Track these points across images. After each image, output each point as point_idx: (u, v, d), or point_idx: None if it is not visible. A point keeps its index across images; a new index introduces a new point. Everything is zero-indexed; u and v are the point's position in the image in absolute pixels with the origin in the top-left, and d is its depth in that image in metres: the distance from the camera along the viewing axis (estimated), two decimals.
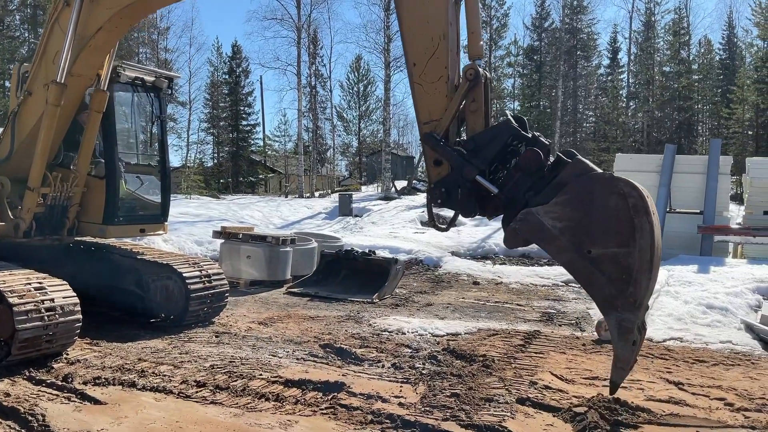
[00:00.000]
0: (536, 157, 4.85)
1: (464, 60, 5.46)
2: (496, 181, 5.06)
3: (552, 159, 5.00)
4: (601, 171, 4.68)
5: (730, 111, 44.69)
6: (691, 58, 51.11)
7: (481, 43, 5.32)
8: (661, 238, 4.71)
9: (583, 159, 4.85)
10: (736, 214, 19.72)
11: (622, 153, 22.75)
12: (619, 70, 50.62)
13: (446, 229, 5.80)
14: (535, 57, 48.27)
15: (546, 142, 5.07)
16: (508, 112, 5.33)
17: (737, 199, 25.58)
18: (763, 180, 15.90)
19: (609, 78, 50.68)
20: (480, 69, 5.13)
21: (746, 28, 50.63)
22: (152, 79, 8.52)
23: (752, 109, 42.96)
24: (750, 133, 44.31)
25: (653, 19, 47.10)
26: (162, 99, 8.72)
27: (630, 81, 48.38)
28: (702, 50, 54.57)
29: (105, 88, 7.80)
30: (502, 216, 5.13)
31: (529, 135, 5.04)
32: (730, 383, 6.17)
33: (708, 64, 53.32)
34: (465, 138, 5.26)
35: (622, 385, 5.99)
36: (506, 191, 4.96)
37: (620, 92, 48.47)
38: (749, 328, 8.50)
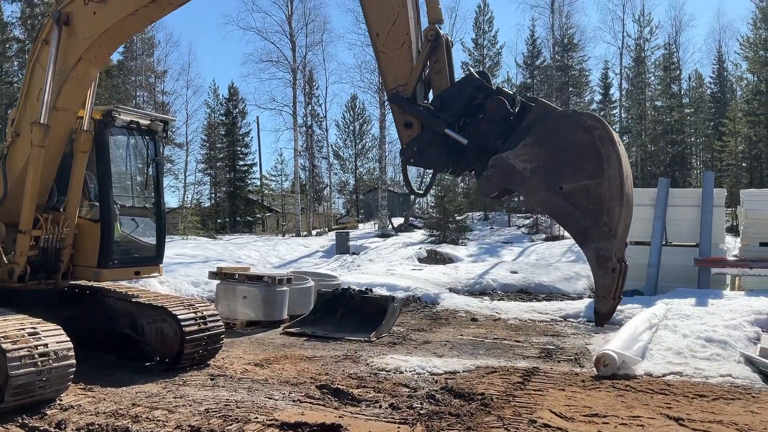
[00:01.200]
0: (501, 105, 4.96)
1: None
2: (467, 133, 5.10)
3: (517, 108, 5.07)
4: (563, 109, 4.74)
5: (722, 143, 45.04)
6: (682, 92, 51.72)
7: (439, 6, 5.39)
8: (629, 168, 4.75)
9: (546, 101, 4.94)
10: (732, 246, 19.73)
11: None
12: (612, 105, 51.15)
13: (424, 194, 5.78)
14: (528, 94, 48.82)
15: (510, 92, 5.16)
16: (470, 68, 5.38)
17: (733, 231, 25.61)
18: (758, 212, 15.97)
19: (601, 113, 51.18)
20: (440, 30, 5.23)
21: (735, 62, 51.37)
22: (147, 122, 8.59)
23: (745, 142, 43.33)
24: (743, 165, 44.60)
25: (643, 55, 47.80)
26: (157, 142, 8.78)
27: (622, 116, 48.84)
28: (693, 84, 55.32)
29: (87, 128, 7.86)
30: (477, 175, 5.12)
31: (493, 87, 5.13)
32: (731, 418, 6.11)
33: (699, 97, 53.95)
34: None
35: (623, 422, 5.94)
36: (476, 142, 5.02)
37: (613, 127, 48.91)
38: (749, 361, 8.44)
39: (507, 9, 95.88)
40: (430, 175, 5.79)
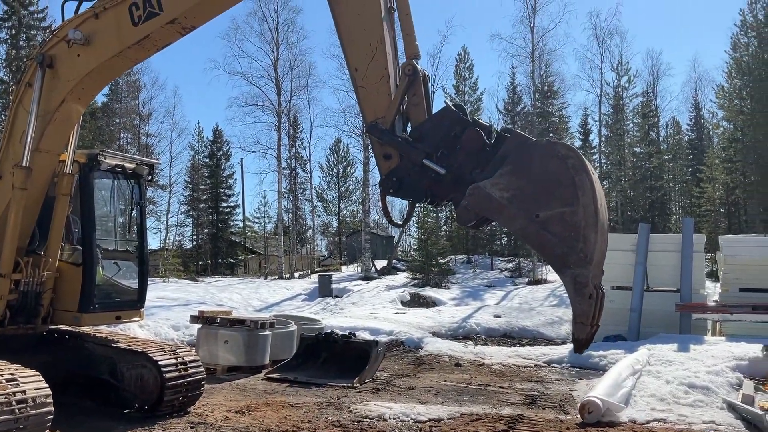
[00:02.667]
0: (477, 135, 5.02)
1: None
2: (444, 164, 5.14)
3: (493, 138, 5.15)
4: (538, 139, 4.84)
5: (700, 190, 45.82)
6: (660, 139, 52.72)
7: (416, 43, 5.50)
8: (603, 196, 4.82)
9: (521, 131, 5.04)
10: (712, 292, 19.92)
11: None
12: (591, 151, 51.88)
13: (403, 226, 5.80)
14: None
15: (486, 123, 5.24)
16: (446, 100, 5.46)
17: (713, 276, 25.86)
18: (736, 257, 16.18)
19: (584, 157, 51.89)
20: (417, 65, 5.35)
21: (711, 110, 52.61)
22: (133, 166, 8.60)
23: (722, 188, 44.10)
24: (722, 210, 45.32)
25: (621, 102, 48.77)
26: (142, 185, 8.78)
27: (602, 161, 49.56)
28: (671, 131, 56.42)
29: (70, 171, 7.85)
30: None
31: (469, 119, 5.19)
32: None
33: (677, 144, 55.00)
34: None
35: None
36: (453, 171, 5.08)
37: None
38: (731, 407, 8.46)
39: (488, 57, 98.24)
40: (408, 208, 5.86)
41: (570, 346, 15.32)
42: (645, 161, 48.29)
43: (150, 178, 8.84)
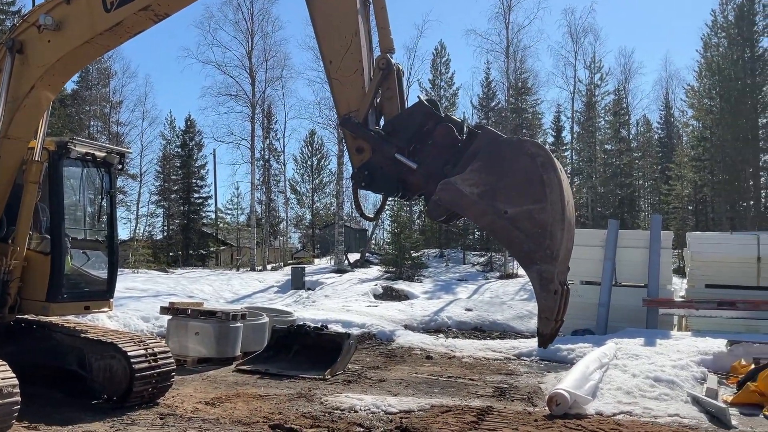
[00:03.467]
0: (449, 131, 5.10)
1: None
2: (416, 159, 5.20)
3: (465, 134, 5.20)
4: (508, 136, 4.92)
5: (669, 187, 46.59)
6: (630, 137, 53.48)
7: (391, 37, 5.55)
8: (571, 193, 4.92)
9: (492, 128, 5.12)
10: (679, 287, 20.30)
11: None
12: (563, 148, 52.45)
13: (374, 219, 5.82)
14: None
15: (458, 119, 5.30)
16: (420, 95, 5.51)
17: (680, 272, 26.39)
18: (703, 254, 16.52)
19: (554, 155, 52.40)
20: (391, 59, 5.39)
21: (681, 108, 53.55)
22: (103, 154, 8.49)
23: (690, 186, 44.91)
24: (690, 208, 46.15)
25: (594, 100, 49.33)
26: (112, 174, 8.67)
27: (574, 158, 50.14)
28: (641, 129, 57.29)
29: (39, 158, 7.73)
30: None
31: (442, 114, 5.25)
32: None
33: (647, 142, 55.86)
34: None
35: None
36: (425, 166, 5.14)
37: (565, 168, 50.16)
38: (696, 401, 8.66)
39: (464, 51, 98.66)
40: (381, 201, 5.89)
41: None
42: (615, 158, 48.96)
43: (120, 167, 8.73)
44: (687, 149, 47.80)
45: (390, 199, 5.72)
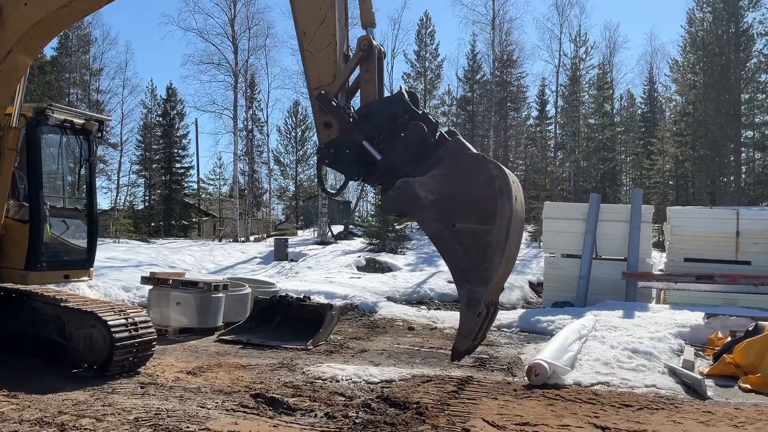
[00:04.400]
0: (420, 130, 5.06)
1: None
2: (382, 149, 5.19)
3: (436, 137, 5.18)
4: (476, 151, 4.88)
5: (651, 162, 46.92)
6: (614, 111, 53.65)
7: (372, 10, 5.50)
8: (522, 219, 4.98)
9: (462, 139, 5.07)
10: (658, 261, 20.57)
11: (550, 201, 23.49)
12: (547, 122, 52.57)
13: (335, 195, 5.83)
14: (468, 107, 49.69)
15: (434, 121, 5.27)
16: (402, 86, 5.48)
17: (659, 246, 26.69)
18: (683, 228, 16.70)
19: (538, 129, 52.56)
20: (373, 40, 5.32)
21: (665, 83, 53.70)
22: (82, 121, 8.36)
23: (672, 161, 45.26)
24: (671, 183, 46.57)
25: (578, 74, 49.32)
26: (91, 142, 8.56)
27: (557, 132, 50.27)
28: (624, 104, 57.53)
29: (16, 125, 7.59)
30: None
31: (420, 111, 5.22)
32: (655, 427, 6.35)
33: (630, 117, 56.13)
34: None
35: (552, 430, 6.10)
36: (389, 159, 5.13)
37: (548, 143, 50.29)
38: (672, 372, 8.80)
39: (449, 22, 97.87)
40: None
41: (520, 311, 15.68)
42: (599, 133, 49.11)
43: (100, 134, 8.62)
44: (669, 124, 48.09)
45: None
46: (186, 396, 7.08)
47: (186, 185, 54.32)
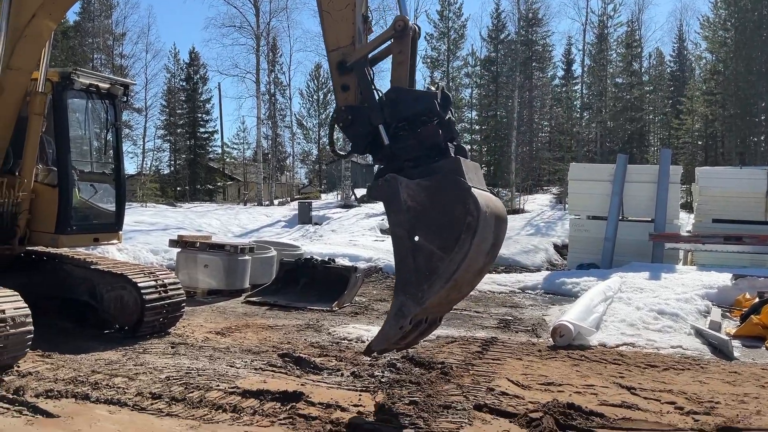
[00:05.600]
0: (434, 134, 5.04)
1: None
2: (395, 135, 5.17)
3: (453, 147, 5.17)
4: (465, 180, 4.77)
5: (680, 122, 45.98)
6: (642, 70, 52.38)
7: None
8: (483, 259, 5.02)
9: (462, 162, 4.98)
10: (686, 222, 20.32)
11: (576, 162, 23.23)
12: (573, 81, 51.57)
13: (345, 158, 5.84)
14: (492, 68, 48.93)
15: (456, 130, 5.26)
16: (441, 84, 5.43)
17: (687, 207, 26.32)
18: (711, 189, 16.44)
19: (563, 89, 51.65)
20: (409, 22, 5.23)
21: (695, 41, 52.24)
22: (107, 86, 8.39)
23: (701, 120, 44.31)
24: (699, 143, 45.67)
25: (606, 31, 48.07)
26: (117, 106, 8.60)
27: (584, 92, 49.30)
28: (653, 62, 56.11)
29: (42, 90, 7.66)
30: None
31: (446, 116, 5.17)
32: (680, 387, 6.36)
33: (659, 75, 54.75)
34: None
35: (577, 390, 6.14)
36: (395, 148, 5.12)
37: (574, 103, 49.45)
38: (699, 333, 8.76)
39: None
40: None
41: (544, 273, 15.67)
42: (626, 92, 48.08)
43: (125, 98, 8.66)
44: (699, 83, 46.95)
45: None
46: (215, 355, 7.23)
47: (210, 150, 54.63)
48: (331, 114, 5.63)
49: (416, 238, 4.75)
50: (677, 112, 47.57)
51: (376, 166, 5.48)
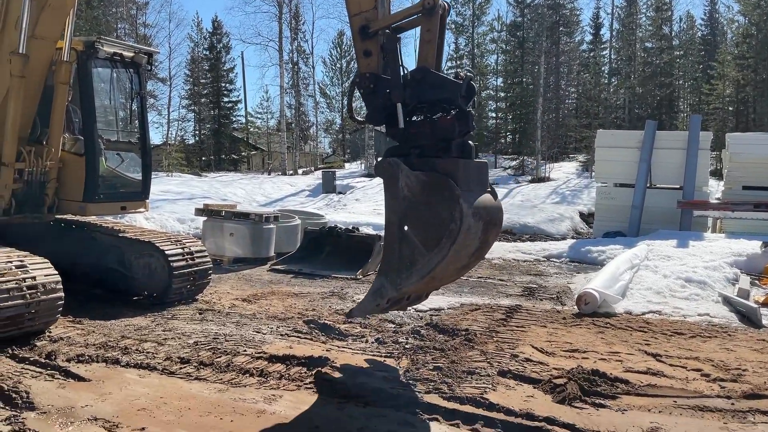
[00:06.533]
0: (449, 128, 5.03)
1: None
2: (411, 118, 5.16)
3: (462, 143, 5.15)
4: (456, 186, 4.75)
5: (711, 87, 44.91)
6: (672, 34, 51.14)
7: None
8: (464, 266, 5.34)
9: (462, 165, 4.98)
10: (715, 190, 19.95)
11: (603, 129, 22.85)
12: (602, 47, 50.60)
13: (362, 124, 5.82)
14: (518, 33, 48.00)
15: (473, 124, 5.20)
16: (470, 74, 5.36)
17: (717, 174, 25.86)
18: (742, 155, 16.07)
19: (591, 54, 50.65)
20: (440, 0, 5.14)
21: (727, 3, 50.81)
22: (131, 54, 8.40)
23: (732, 85, 43.24)
24: (730, 108, 44.64)
25: None
26: (141, 75, 8.61)
27: (612, 57, 48.37)
28: (684, 26, 54.69)
29: (67, 59, 7.69)
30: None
31: (467, 109, 5.11)
32: (707, 355, 6.30)
33: (690, 40, 53.38)
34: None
35: (602, 357, 6.13)
36: (407, 131, 5.12)
37: (602, 68, 48.51)
38: (726, 300, 8.65)
39: None
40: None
41: (570, 241, 15.56)
42: (656, 57, 47.01)
43: (149, 67, 8.66)
44: (731, 47, 45.68)
45: None
46: (242, 322, 7.34)
47: (234, 119, 54.75)
48: (352, 78, 5.55)
49: (405, 228, 4.86)
50: (708, 77, 46.44)
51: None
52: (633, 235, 15.29)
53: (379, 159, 5.20)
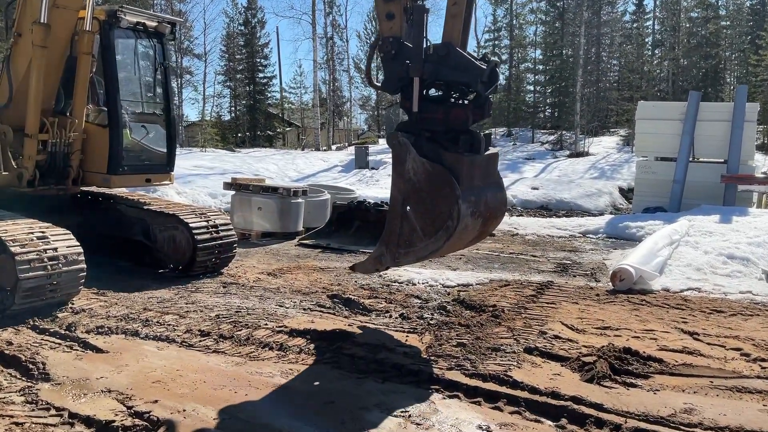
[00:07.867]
0: (462, 121, 5.06)
1: None
2: (423, 105, 5.09)
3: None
4: (457, 185, 4.79)
5: (758, 58, 43.12)
6: (719, 4, 49.20)
7: None
8: (463, 247, 5.68)
9: (468, 161, 4.99)
10: (761, 164, 19.19)
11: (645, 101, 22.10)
12: (645, 17, 48.96)
13: (381, 88, 5.66)
14: (557, 3, 46.73)
15: (489, 113, 5.20)
16: (495, 58, 5.18)
17: (763, 148, 24.90)
18: None
19: (634, 25, 49.10)
20: None
21: None
22: (154, 24, 8.27)
23: None
24: None
25: None
26: (165, 45, 8.49)
27: (655, 28, 46.80)
28: None
29: (89, 29, 7.59)
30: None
31: (484, 96, 5.04)
32: (748, 333, 5.97)
33: (737, 9, 51.29)
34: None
35: (635, 335, 5.86)
36: (419, 114, 5.07)
37: (645, 39, 46.99)
38: None
39: None
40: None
41: (607, 217, 15.15)
42: (701, 27, 45.32)
43: (173, 36, 8.53)
44: None
45: None
46: (266, 296, 7.24)
47: (269, 95, 54.71)
48: (373, 39, 5.44)
49: (407, 208, 5.00)
50: (756, 47, 44.54)
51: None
52: (674, 210, 14.77)
53: (393, 131, 5.16)
